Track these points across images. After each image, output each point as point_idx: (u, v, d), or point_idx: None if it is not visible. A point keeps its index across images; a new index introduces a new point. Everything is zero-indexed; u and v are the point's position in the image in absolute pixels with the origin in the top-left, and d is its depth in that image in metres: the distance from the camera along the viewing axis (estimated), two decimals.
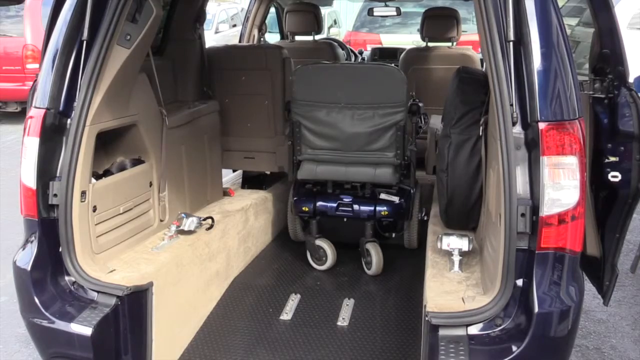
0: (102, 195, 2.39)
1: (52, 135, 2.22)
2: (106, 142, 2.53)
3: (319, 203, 3.24)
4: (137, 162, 2.68)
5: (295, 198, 3.32)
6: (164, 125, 2.77)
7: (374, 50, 6.08)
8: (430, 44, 4.58)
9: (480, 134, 2.52)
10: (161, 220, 2.78)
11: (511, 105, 1.92)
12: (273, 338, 2.53)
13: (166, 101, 2.81)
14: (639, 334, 3.44)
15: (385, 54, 5.80)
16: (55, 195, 2.22)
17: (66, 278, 2.25)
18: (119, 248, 2.49)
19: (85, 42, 2.23)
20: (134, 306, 2.26)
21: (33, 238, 2.23)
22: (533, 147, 1.92)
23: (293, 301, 2.95)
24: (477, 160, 2.57)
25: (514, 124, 1.93)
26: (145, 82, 2.66)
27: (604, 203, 2.31)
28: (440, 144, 2.75)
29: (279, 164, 3.61)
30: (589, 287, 2.44)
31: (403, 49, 4.88)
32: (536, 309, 1.91)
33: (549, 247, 1.92)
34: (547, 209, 1.90)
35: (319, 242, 3.31)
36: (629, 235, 2.27)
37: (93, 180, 2.36)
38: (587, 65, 2.61)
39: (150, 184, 2.72)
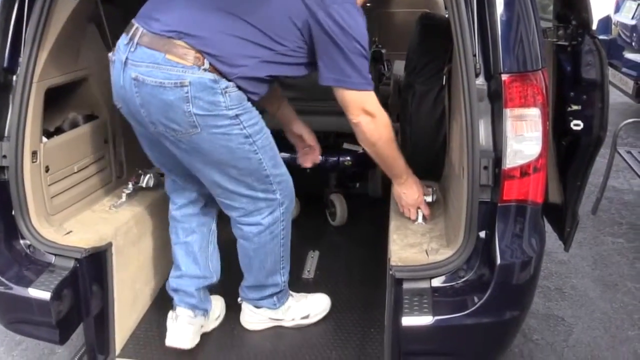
0: (54, 154, 2.33)
1: None
2: (56, 98, 2.45)
3: (281, 153, 3.21)
4: (90, 117, 2.60)
5: None
6: None
7: None
8: None
9: (444, 83, 2.51)
10: (118, 177, 2.74)
11: (474, 56, 1.90)
12: (236, 293, 2.54)
13: None
14: (599, 274, 3.56)
15: None
16: (4, 156, 2.15)
17: (21, 242, 2.21)
18: (75, 208, 2.44)
19: None
20: (93, 268, 2.23)
21: None
22: (496, 98, 1.92)
23: None
24: (440, 111, 2.56)
25: (476, 75, 1.91)
26: (95, 32, 2.57)
27: (567, 151, 2.33)
28: (404, 93, 2.73)
29: None
30: (551, 229, 2.50)
31: None
32: (498, 261, 1.94)
33: (511, 199, 1.94)
34: (510, 162, 1.91)
35: None
36: (590, 178, 2.31)
37: (44, 139, 2.29)
38: (552, 8, 2.60)
39: (105, 140, 2.65)
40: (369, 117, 2.10)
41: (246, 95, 2.07)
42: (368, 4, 2.44)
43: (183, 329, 2.37)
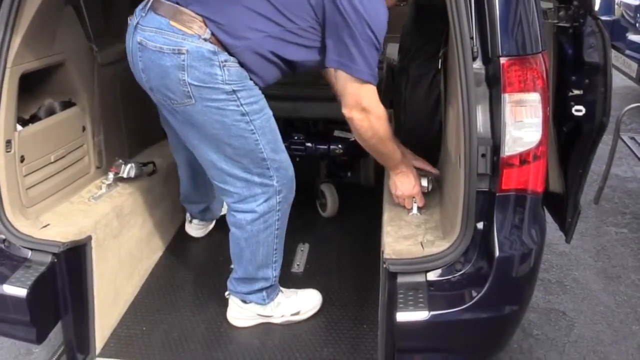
0: (30, 143, 2.31)
1: None
2: (32, 84, 2.43)
3: None
4: (67, 104, 2.58)
5: None
6: (96, 63, 2.68)
7: None
8: None
9: (439, 67, 2.50)
10: (97, 167, 2.73)
11: (471, 38, 1.90)
12: (223, 288, 2.55)
13: (97, 35, 2.70)
14: (601, 265, 3.58)
15: None
16: None
17: None
18: (52, 200, 2.43)
19: None
20: (71, 263, 2.23)
21: None
22: (494, 83, 1.92)
23: None
24: (436, 95, 2.56)
25: (474, 58, 1.91)
26: (71, 15, 2.54)
27: (568, 138, 2.34)
28: (397, 78, 2.73)
29: None
30: (552, 220, 2.51)
31: None
32: (497, 253, 1.95)
33: (510, 188, 1.95)
34: (509, 149, 1.91)
35: None
36: (592, 166, 2.32)
37: (19, 127, 2.28)
38: None
39: (84, 128, 2.64)
40: (363, 113, 2.11)
41: (250, 76, 2.10)
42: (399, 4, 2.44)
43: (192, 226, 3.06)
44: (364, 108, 2.10)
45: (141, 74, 2.13)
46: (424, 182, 2.42)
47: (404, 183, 2.36)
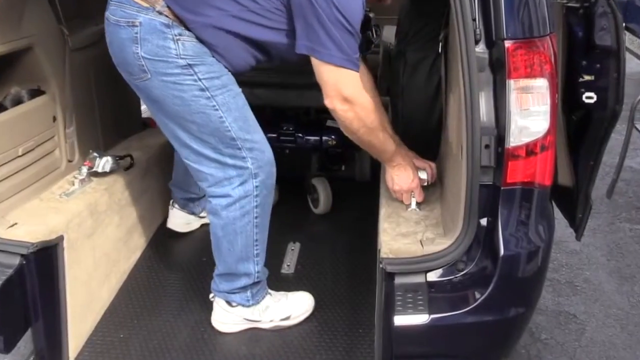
0: None
1: None
2: None
3: None
4: (36, 93, 2.58)
5: None
6: (67, 47, 2.67)
7: None
8: None
9: (440, 51, 2.51)
10: (69, 161, 2.72)
11: (474, 20, 1.90)
12: (208, 291, 2.55)
13: (68, 18, 2.69)
14: (615, 265, 3.61)
15: None
16: None
17: None
18: (20, 197, 2.43)
19: None
20: (42, 265, 2.23)
21: None
22: (498, 68, 1.92)
23: None
24: (436, 82, 2.57)
25: (476, 42, 1.91)
26: None
27: (578, 127, 2.35)
28: (394, 63, 2.73)
29: None
30: (561, 215, 2.53)
31: None
32: (502, 252, 1.96)
33: (516, 182, 1.96)
34: (514, 139, 1.92)
35: None
36: (605, 157, 2.33)
37: None
38: None
39: (54, 119, 2.63)
40: (346, 104, 2.13)
41: (215, 56, 2.18)
42: None
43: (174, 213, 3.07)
44: (346, 98, 2.12)
45: (110, 51, 2.25)
46: (423, 175, 2.43)
47: (401, 177, 2.37)
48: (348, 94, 2.11)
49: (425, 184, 2.44)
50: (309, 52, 2.09)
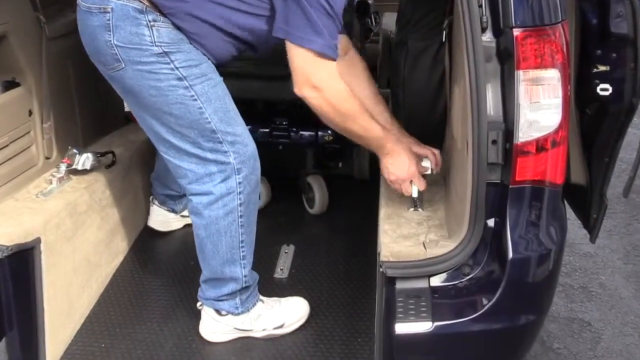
0: None
1: None
2: None
3: (247, 127, 3.21)
4: (10, 85, 2.58)
5: None
6: (43, 36, 2.67)
7: None
8: None
9: (444, 39, 2.51)
10: (47, 158, 2.72)
11: (480, 6, 1.90)
12: (195, 297, 2.55)
13: (45, 4, 2.69)
14: (632, 268, 3.61)
15: None
16: None
17: None
18: None
19: None
20: (17, 270, 2.23)
21: None
22: (506, 58, 1.92)
23: None
24: (439, 72, 2.57)
25: (483, 30, 1.91)
26: None
27: (592, 121, 2.35)
28: (395, 52, 2.73)
29: None
30: (574, 216, 2.53)
31: None
32: (510, 255, 1.96)
33: (525, 180, 1.95)
34: (523, 135, 1.92)
35: None
36: (621, 153, 2.33)
37: None
38: None
39: (30, 113, 2.63)
40: (315, 92, 2.14)
41: (195, 46, 2.21)
42: None
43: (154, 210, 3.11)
44: (314, 86, 2.13)
45: (82, 41, 2.26)
46: (426, 163, 2.37)
47: (395, 164, 2.32)
48: (316, 81, 2.12)
49: (429, 172, 2.39)
50: (284, 36, 2.10)
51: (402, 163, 2.32)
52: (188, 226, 3.12)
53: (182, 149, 2.29)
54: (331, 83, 2.14)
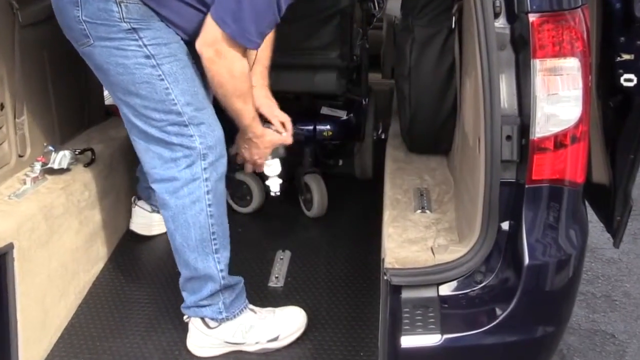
0: None
1: None
2: None
3: None
4: None
5: None
6: (16, 23, 2.67)
7: None
8: None
9: (453, 26, 2.51)
10: (20, 156, 2.72)
11: None
12: (181, 308, 2.55)
13: None
14: None
15: None
16: None
17: None
18: None
19: None
20: None
21: None
22: (522, 46, 1.92)
23: None
24: (449, 62, 2.57)
25: (496, 15, 1.92)
26: None
27: (615, 115, 2.35)
28: (400, 40, 2.73)
29: None
30: (596, 218, 2.53)
31: None
32: (526, 261, 1.97)
33: (543, 179, 1.96)
34: (541, 129, 1.92)
35: (240, 175, 3.30)
36: None
37: None
38: None
39: (2, 107, 2.63)
40: (215, 56, 2.24)
41: (167, 24, 2.29)
42: None
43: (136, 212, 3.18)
44: (218, 50, 2.23)
45: (56, 18, 2.35)
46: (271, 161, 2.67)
47: (249, 150, 2.61)
48: (221, 48, 2.22)
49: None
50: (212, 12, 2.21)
51: (254, 152, 2.62)
52: None
53: (148, 133, 2.35)
54: (233, 55, 2.25)
